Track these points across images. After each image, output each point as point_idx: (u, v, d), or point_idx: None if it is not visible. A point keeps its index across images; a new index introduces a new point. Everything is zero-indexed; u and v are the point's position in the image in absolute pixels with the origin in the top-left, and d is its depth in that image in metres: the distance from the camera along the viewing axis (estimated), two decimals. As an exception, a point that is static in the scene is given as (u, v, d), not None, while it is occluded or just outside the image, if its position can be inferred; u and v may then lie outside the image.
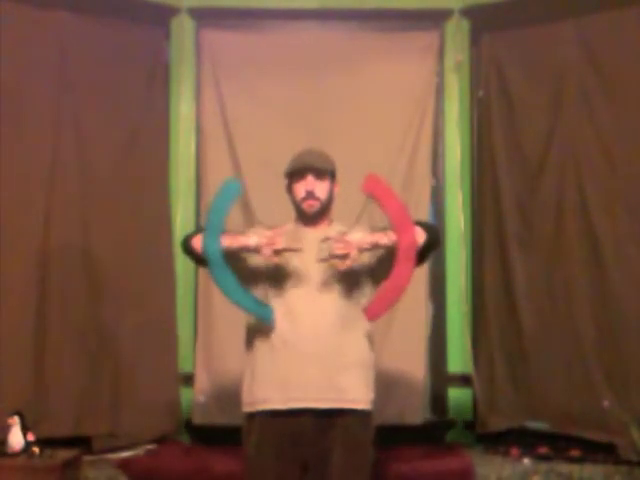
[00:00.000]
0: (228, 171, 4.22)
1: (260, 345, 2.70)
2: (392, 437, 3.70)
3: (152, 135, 4.22)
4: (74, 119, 4.02)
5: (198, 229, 2.86)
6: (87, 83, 4.05)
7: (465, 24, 4.34)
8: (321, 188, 2.74)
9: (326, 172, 2.76)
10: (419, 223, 2.69)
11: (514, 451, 3.81)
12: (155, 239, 4.11)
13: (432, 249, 2.72)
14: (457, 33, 4.33)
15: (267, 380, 2.66)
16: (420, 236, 2.61)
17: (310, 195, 2.72)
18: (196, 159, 4.33)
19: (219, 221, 2.61)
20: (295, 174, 2.75)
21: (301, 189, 2.73)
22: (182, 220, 4.27)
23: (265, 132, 4.20)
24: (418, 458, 3.69)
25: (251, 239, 2.61)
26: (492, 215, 4.16)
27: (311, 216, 2.76)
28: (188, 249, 2.71)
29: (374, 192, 2.61)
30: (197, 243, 2.64)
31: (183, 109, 4.34)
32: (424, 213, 4.24)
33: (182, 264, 4.09)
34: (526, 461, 3.70)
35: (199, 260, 2.70)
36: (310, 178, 2.72)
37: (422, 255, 2.66)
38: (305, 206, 2.74)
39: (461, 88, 4.36)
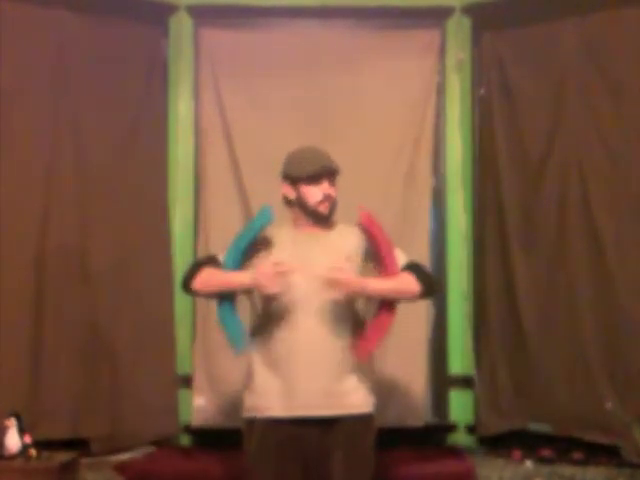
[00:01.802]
0: (226, 169, 4.20)
1: (261, 351, 2.70)
2: (393, 440, 3.68)
3: (150, 133, 4.18)
4: (72, 118, 3.99)
5: (196, 265, 2.84)
6: (85, 81, 4.01)
7: (466, 22, 4.30)
8: (334, 190, 2.78)
9: (337, 174, 2.79)
10: (415, 269, 2.74)
11: (516, 454, 3.78)
12: (153, 239, 4.09)
13: (427, 298, 2.85)
14: (458, 31, 4.30)
15: (268, 388, 2.66)
16: (413, 285, 2.70)
17: (327, 198, 2.74)
18: (194, 157, 4.30)
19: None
20: (311, 177, 2.74)
21: (317, 193, 2.74)
22: (180, 220, 4.24)
23: (264, 130, 4.16)
24: (419, 461, 3.67)
25: (245, 278, 2.64)
26: (494, 215, 4.13)
27: (325, 217, 2.77)
28: (190, 290, 2.77)
29: (369, 228, 2.73)
30: (201, 284, 2.72)
31: (181, 107, 4.30)
32: (425, 213, 4.22)
33: (180, 266, 4.04)
34: (528, 464, 3.67)
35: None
36: (326, 182, 2.74)
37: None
38: (322, 208, 2.74)
39: (462, 86, 4.32)
